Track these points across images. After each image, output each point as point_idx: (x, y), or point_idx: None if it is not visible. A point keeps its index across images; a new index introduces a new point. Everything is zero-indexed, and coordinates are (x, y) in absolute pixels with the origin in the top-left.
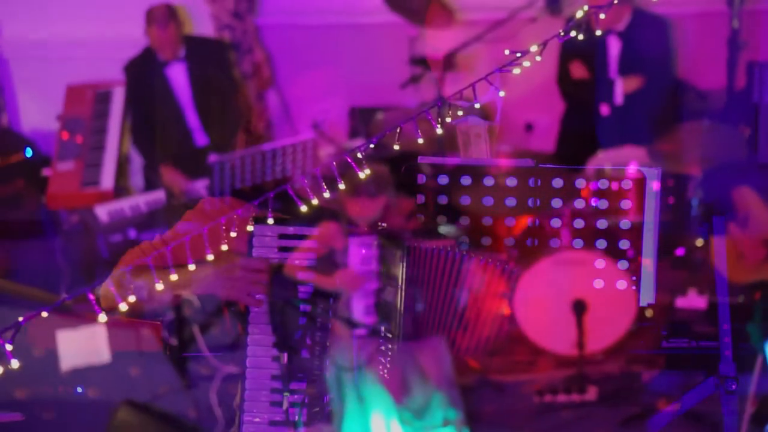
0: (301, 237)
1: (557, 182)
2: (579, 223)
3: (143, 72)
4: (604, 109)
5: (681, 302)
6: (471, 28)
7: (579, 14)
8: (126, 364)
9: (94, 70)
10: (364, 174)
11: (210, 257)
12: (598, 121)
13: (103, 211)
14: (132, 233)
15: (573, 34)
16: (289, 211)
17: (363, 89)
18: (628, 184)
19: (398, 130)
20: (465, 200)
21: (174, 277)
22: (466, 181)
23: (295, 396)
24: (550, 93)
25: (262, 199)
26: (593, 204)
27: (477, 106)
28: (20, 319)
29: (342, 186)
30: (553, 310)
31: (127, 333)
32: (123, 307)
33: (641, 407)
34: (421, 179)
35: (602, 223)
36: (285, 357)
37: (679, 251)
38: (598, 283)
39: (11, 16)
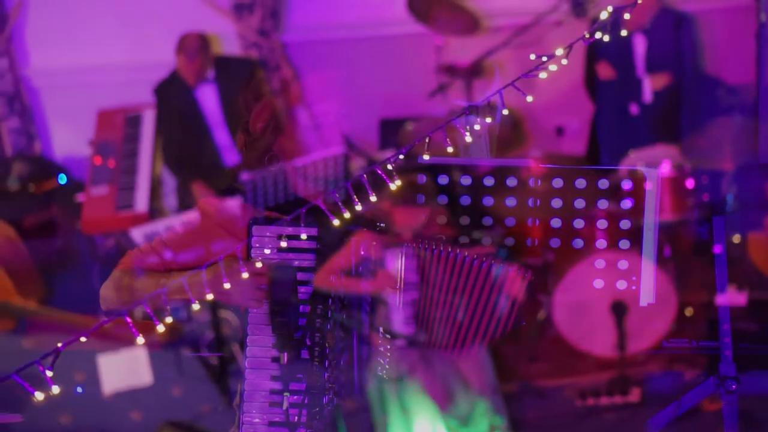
0: (300, 237)
1: (596, 183)
2: (614, 224)
3: (173, 93)
4: (634, 109)
5: (721, 299)
6: (497, 34)
7: (603, 15)
8: (168, 385)
9: (123, 94)
10: (395, 185)
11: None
12: (628, 121)
13: (138, 234)
14: (168, 254)
15: (598, 35)
16: (322, 224)
17: (392, 100)
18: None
19: (427, 140)
20: (500, 204)
21: (173, 282)
22: (498, 183)
23: (295, 397)
24: (578, 96)
25: (296, 214)
26: (628, 205)
27: (505, 112)
28: (59, 344)
29: (374, 198)
30: (593, 313)
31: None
32: (161, 328)
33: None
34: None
35: (637, 223)
36: (285, 357)
37: (717, 248)
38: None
39: (40, 45)
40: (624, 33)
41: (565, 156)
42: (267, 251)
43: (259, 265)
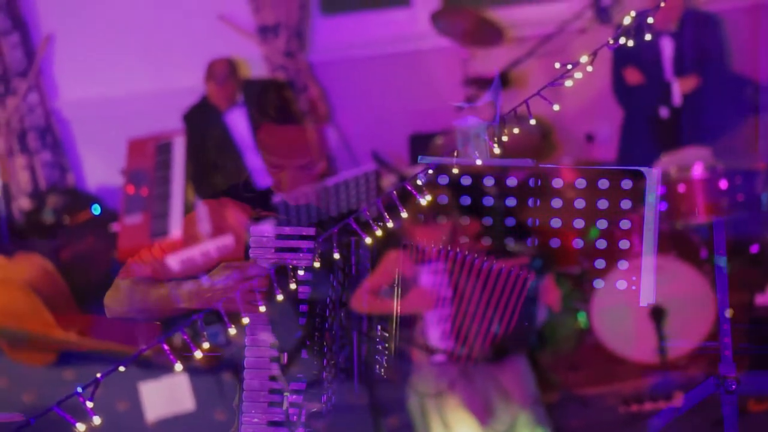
0: (298, 237)
1: (626, 184)
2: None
3: (202, 119)
4: (663, 112)
5: (761, 299)
6: (522, 44)
7: (626, 20)
8: (210, 410)
9: (153, 122)
10: (425, 200)
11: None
12: (658, 125)
13: (174, 261)
14: (205, 280)
15: (622, 41)
16: (356, 243)
17: (421, 115)
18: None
19: (455, 154)
20: (533, 212)
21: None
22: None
23: (295, 396)
24: (607, 102)
25: (326, 235)
26: (661, 208)
27: (532, 122)
28: (98, 375)
29: (405, 215)
30: (632, 318)
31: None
32: (198, 354)
33: None
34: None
35: (673, 226)
36: (284, 357)
37: (754, 248)
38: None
39: (68, 77)
40: (648, 37)
41: (597, 163)
42: (264, 252)
43: (293, 287)
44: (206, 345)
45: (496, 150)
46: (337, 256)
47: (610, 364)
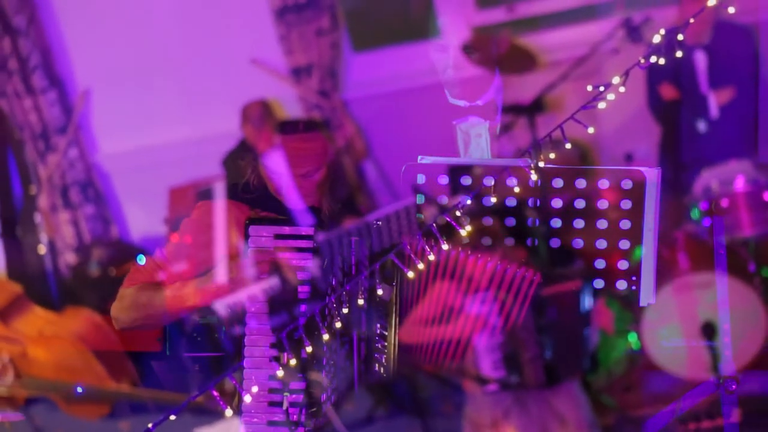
0: (297, 237)
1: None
2: (694, 244)
3: (242, 163)
4: (701, 126)
5: (721, 299)
6: (556, 68)
7: (657, 39)
8: None
9: (193, 169)
10: (465, 231)
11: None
12: (697, 139)
13: (221, 306)
14: (253, 323)
15: (653, 59)
16: (356, 243)
17: (457, 145)
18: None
19: (493, 183)
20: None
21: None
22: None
23: (295, 396)
24: (645, 120)
25: (369, 272)
26: (705, 224)
27: (568, 146)
28: (150, 425)
29: (446, 246)
30: (684, 336)
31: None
32: (248, 399)
33: None
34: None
35: (720, 242)
36: (284, 357)
37: None
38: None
39: (106, 130)
40: (679, 54)
41: None
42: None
43: (339, 325)
44: (255, 389)
45: (533, 177)
46: (380, 291)
47: (665, 384)
